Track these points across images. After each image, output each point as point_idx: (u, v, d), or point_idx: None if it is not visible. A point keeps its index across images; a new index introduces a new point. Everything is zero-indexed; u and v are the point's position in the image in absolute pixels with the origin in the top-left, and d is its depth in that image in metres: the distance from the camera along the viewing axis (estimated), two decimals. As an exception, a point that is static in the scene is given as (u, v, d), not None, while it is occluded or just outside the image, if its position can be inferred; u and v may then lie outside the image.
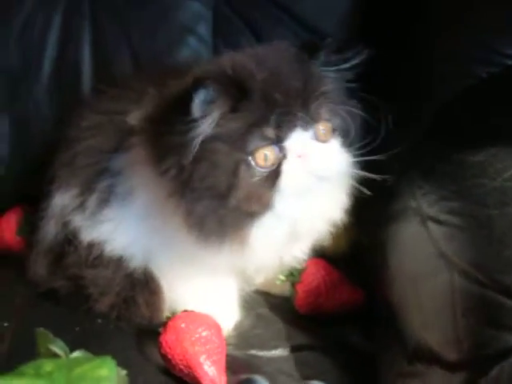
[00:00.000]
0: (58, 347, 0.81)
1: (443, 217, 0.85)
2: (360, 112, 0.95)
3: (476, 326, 0.75)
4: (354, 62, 0.93)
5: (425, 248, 0.85)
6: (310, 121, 0.89)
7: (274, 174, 0.88)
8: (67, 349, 0.81)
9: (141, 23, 1.28)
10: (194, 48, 1.28)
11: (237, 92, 0.87)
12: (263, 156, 0.88)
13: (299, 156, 0.89)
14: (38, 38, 1.29)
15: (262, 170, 0.88)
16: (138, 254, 1.00)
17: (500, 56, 1.00)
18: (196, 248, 0.92)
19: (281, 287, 1.07)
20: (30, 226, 1.12)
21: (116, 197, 0.98)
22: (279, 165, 0.89)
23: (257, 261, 0.96)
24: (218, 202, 0.88)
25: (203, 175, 0.87)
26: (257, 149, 0.87)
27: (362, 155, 0.93)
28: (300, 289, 1.04)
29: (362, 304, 1.05)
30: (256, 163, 0.88)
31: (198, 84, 0.85)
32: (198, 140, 0.85)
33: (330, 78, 0.93)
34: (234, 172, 0.87)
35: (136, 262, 1.00)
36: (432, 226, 0.85)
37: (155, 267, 1.01)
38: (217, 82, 0.85)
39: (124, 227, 0.99)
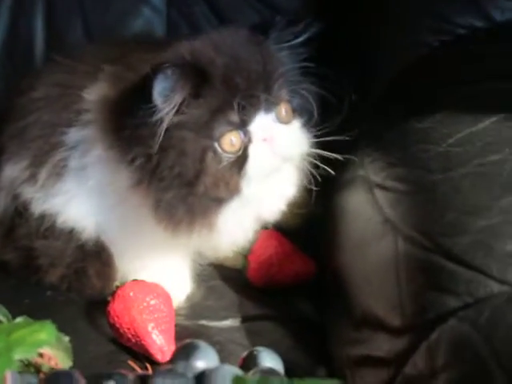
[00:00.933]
0: (0, 314, 0.81)
1: (389, 183, 0.85)
2: (318, 90, 0.95)
3: (419, 290, 0.75)
4: (305, 36, 0.93)
5: (371, 214, 0.85)
6: (272, 103, 0.89)
7: (241, 159, 0.89)
8: (9, 315, 0.82)
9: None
10: (148, 18, 1.27)
11: (197, 77, 0.87)
12: (229, 141, 0.88)
13: (264, 139, 0.90)
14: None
15: (229, 155, 0.88)
16: (90, 226, 0.99)
17: (451, 24, 1.01)
18: (161, 233, 0.92)
19: (234, 259, 1.07)
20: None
21: (69, 171, 0.97)
22: (245, 149, 0.89)
23: (225, 244, 0.97)
24: (186, 190, 0.88)
25: (171, 164, 0.87)
26: (222, 134, 0.88)
27: (323, 135, 0.93)
28: (252, 260, 1.04)
29: (313, 275, 1.05)
30: (222, 149, 0.88)
31: (157, 70, 0.84)
32: (163, 128, 0.85)
33: (286, 57, 0.93)
34: (201, 159, 0.87)
35: (88, 233, 0.99)
36: (378, 192, 0.85)
37: (107, 239, 1.00)
38: (176, 67, 0.85)
39: (76, 201, 0.98)
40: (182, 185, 0.88)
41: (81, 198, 0.98)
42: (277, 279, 1.04)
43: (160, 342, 0.88)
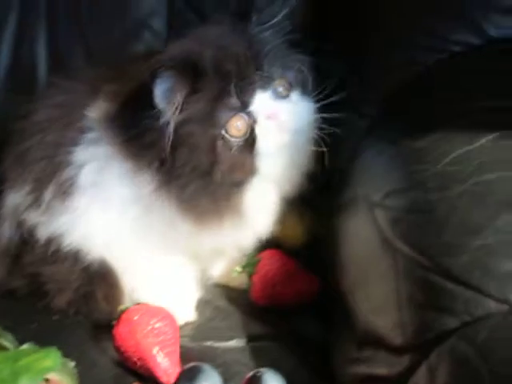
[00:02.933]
0: (6, 340, 0.82)
1: (388, 202, 0.85)
2: (310, 59, 0.98)
3: (419, 309, 0.75)
4: (284, 12, 0.95)
5: (371, 235, 0.85)
6: (266, 81, 0.92)
7: (250, 140, 0.92)
8: (16, 342, 0.82)
9: (96, 18, 1.29)
10: (149, 42, 1.28)
11: (192, 73, 0.89)
12: (235, 126, 0.91)
13: (268, 116, 0.92)
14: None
15: (238, 139, 0.91)
16: (96, 246, 1.00)
17: (446, 42, 1.01)
18: (194, 233, 0.95)
19: (239, 280, 1.08)
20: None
21: (78, 189, 0.98)
22: (252, 130, 0.92)
23: (257, 228, 0.99)
24: (204, 181, 0.91)
25: (184, 160, 0.90)
26: (227, 121, 0.90)
27: (321, 100, 0.96)
28: (256, 280, 1.05)
29: (317, 294, 1.05)
30: (230, 135, 0.90)
31: (154, 75, 0.87)
32: (171, 129, 0.88)
33: (271, 35, 0.96)
34: (212, 148, 0.90)
35: (93, 255, 1.00)
36: (377, 211, 0.85)
37: (114, 260, 1.01)
38: (170, 69, 0.88)
39: (84, 219, 0.99)
40: (199, 177, 0.90)
41: (90, 215, 0.99)
42: (280, 298, 1.04)
43: (165, 365, 0.89)
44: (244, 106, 0.91)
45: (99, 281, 1.01)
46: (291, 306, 1.05)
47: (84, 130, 0.98)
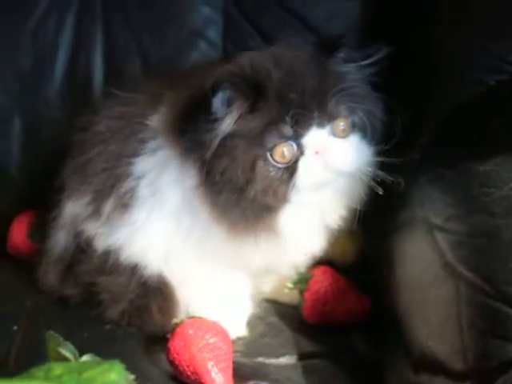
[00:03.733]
0: (67, 350, 0.82)
1: (450, 226, 0.84)
2: (381, 109, 0.97)
3: (481, 336, 0.75)
4: (374, 59, 0.95)
5: (431, 257, 0.84)
6: (326, 118, 0.91)
7: (291, 170, 0.91)
8: (76, 352, 0.82)
9: (151, 27, 1.29)
10: (204, 52, 1.28)
11: (254, 93, 0.89)
12: (281, 152, 0.90)
13: (316, 152, 0.91)
14: (50, 40, 1.30)
15: (279, 165, 0.90)
16: (154, 260, 1.01)
17: (507, 64, 1.00)
18: (231, 246, 0.95)
19: (289, 295, 1.07)
20: (41, 231, 1.12)
21: (137, 200, 0.99)
22: (296, 161, 0.91)
23: (293, 250, 0.99)
24: (237, 195, 0.91)
25: (223, 169, 0.90)
26: (274, 145, 0.90)
27: (379, 155, 0.95)
28: (307, 297, 1.05)
29: (368, 312, 1.05)
30: (274, 159, 0.90)
31: (216, 86, 0.87)
32: (218, 138, 0.89)
33: (351, 74, 0.95)
34: (252, 167, 0.90)
35: (151, 269, 1.01)
36: (438, 234, 0.85)
37: (170, 273, 1.02)
38: (234, 84, 0.88)
39: (143, 231, 0.99)
40: (233, 189, 0.91)
41: (148, 227, 0.99)
42: (331, 316, 1.04)
43: (219, 380, 0.89)
44: (296, 137, 0.90)
45: (154, 293, 1.01)
46: (342, 324, 1.04)
47: (145, 140, 0.98)
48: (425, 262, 0.87)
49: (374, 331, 1.01)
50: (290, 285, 1.06)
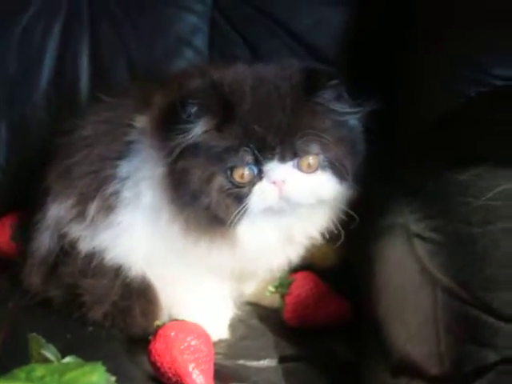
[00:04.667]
0: (49, 352, 0.83)
1: (428, 234, 0.86)
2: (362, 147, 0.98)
3: (458, 342, 0.76)
4: (362, 110, 0.95)
5: (409, 264, 0.86)
6: (290, 154, 0.91)
7: (246, 191, 0.92)
8: (59, 354, 0.83)
9: (138, 34, 1.30)
10: (190, 60, 1.29)
11: (222, 114, 0.91)
12: (240, 173, 0.92)
13: (274, 182, 0.92)
14: (37, 44, 1.32)
15: (236, 183, 0.92)
16: (138, 261, 1.02)
17: (489, 76, 1.02)
18: (189, 248, 0.97)
19: (270, 299, 1.09)
20: (25, 233, 1.13)
21: (122, 202, 1.00)
22: (254, 184, 0.92)
23: (249, 262, 1.00)
24: (193, 199, 0.93)
25: (183, 172, 0.92)
26: (235, 167, 0.91)
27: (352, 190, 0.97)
28: (289, 301, 1.06)
29: (348, 316, 1.06)
30: (232, 177, 0.92)
31: (185, 100, 0.90)
32: (182, 145, 0.91)
33: (333, 114, 0.94)
34: (209, 179, 0.92)
35: (135, 270, 1.02)
36: (417, 242, 0.87)
37: (153, 275, 1.03)
38: (204, 101, 0.90)
39: (128, 233, 1.01)
40: (190, 193, 0.93)
41: (131, 228, 1.00)
42: (312, 320, 1.06)
43: (200, 382, 0.90)
44: (257, 163, 0.91)
45: (138, 296, 1.02)
46: (322, 327, 1.05)
47: (130, 142, 1.00)
48: (404, 269, 0.88)
49: (353, 335, 1.03)
50: (271, 288, 1.08)
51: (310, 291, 1.06)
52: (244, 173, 0.91)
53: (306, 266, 1.10)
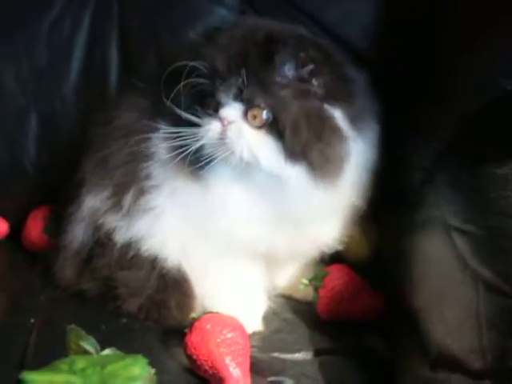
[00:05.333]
0: (89, 344, 0.83)
1: (467, 227, 0.85)
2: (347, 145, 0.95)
3: (500, 336, 0.76)
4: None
5: (449, 258, 0.85)
6: (240, 98, 0.92)
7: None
8: (98, 346, 0.83)
9: (168, 26, 1.29)
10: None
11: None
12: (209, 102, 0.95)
13: (221, 119, 0.92)
14: (66, 37, 1.31)
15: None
16: (174, 251, 1.01)
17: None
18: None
19: (304, 292, 1.09)
20: (57, 226, 1.13)
21: (156, 191, 0.99)
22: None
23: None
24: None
25: None
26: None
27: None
28: (323, 294, 1.06)
29: (382, 309, 1.06)
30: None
31: None
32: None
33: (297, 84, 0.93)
34: None
35: (170, 262, 1.02)
36: (456, 236, 0.86)
37: (189, 267, 1.02)
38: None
39: (162, 223, 1.00)
40: None
41: (167, 217, 1.00)
42: (346, 313, 1.05)
43: (237, 375, 0.90)
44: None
45: (173, 289, 1.02)
46: (356, 321, 1.05)
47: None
48: (443, 263, 0.88)
49: (387, 328, 1.03)
50: (305, 281, 1.07)
51: (345, 284, 1.06)
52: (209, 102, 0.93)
53: (340, 258, 1.09)
